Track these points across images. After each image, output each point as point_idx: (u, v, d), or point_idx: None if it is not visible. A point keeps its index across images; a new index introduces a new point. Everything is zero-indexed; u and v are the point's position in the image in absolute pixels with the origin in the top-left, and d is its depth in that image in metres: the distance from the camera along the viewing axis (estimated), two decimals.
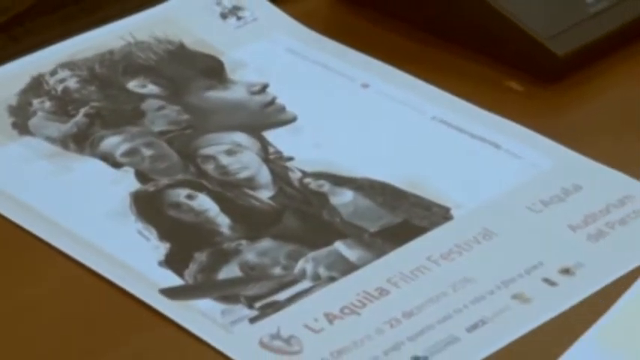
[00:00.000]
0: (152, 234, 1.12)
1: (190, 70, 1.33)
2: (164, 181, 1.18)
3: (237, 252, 1.10)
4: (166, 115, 1.26)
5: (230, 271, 1.08)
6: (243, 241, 1.11)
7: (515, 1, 1.33)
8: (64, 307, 1.07)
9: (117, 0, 1.42)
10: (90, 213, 1.15)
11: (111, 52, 1.35)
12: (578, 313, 1.05)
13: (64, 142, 1.22)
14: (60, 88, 1.29)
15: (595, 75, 1.34)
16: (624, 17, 1.36)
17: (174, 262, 1.09)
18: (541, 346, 1.02)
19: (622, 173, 1.19)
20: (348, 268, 1.08)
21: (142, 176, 1.18)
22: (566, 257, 1.09)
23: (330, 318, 1.03)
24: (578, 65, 1.32)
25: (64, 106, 1.26)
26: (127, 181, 1.18)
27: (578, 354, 1.01)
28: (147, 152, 1.21)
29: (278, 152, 1.21)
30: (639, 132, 1.29)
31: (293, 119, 1.26)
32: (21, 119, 1.25)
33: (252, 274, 1.07)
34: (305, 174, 1.19)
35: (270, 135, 1.24)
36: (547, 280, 1.07)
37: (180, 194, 1.16)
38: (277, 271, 1.08)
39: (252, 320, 1.02)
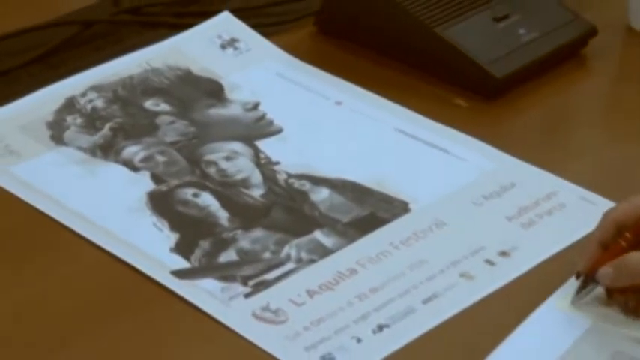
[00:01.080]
0: (164, 226, 1.12)
1: (196, 91, 1.33)
2: (174, 182, 1.18)
3: (234, 240, 1.10)
4: (176, 129, 1.26)
5: (228, 255, 1.09)
6: (239, 231, 1.12)
7: (462, 34, 1.35)
8: (91, 283, 1.07)
9: (136, 34, 1.42)
10: (113, 209, 1.15)
11: (131, 77, 1.33)
12: (512, 291, 1.05)
13: (92, 151, 1.23)
14: (89, 107, 1.29)
15: (527, 92, 1.35)
16: (550, 46, 1.37)
17: (182, 248, 1.09)
18: (489, 316, 1.02)
19: (548, 173, 1.20)
20: (324, 252, 1.09)
21: (156, 178, 1.19)
22: (504, 242, 1.10)
23: (310, 293, 1.03)
24: (513, 85, 1.34)
25: (92, 121, 1.27)
26: (143, 183, 1.18)
27: (541, 317, 1.02)
28: (160, 159, 1.22)
29: (267, 158, 1.23)
30: (562, 139, 1.30)
31: (280, 131, 1.27)
32: (57, 132, 1.25)
33: (246, 257, 1.08)
34: (289, 175, 1.19)
35: (260, 144, 1.25)
36: (488, 261, 1.08)
37: (188, 193, 1.17)
38: (267, 255, 1.08)
39: (247, 296, 1.03)
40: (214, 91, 1.33)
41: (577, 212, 1.14)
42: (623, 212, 1.03)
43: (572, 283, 1.04)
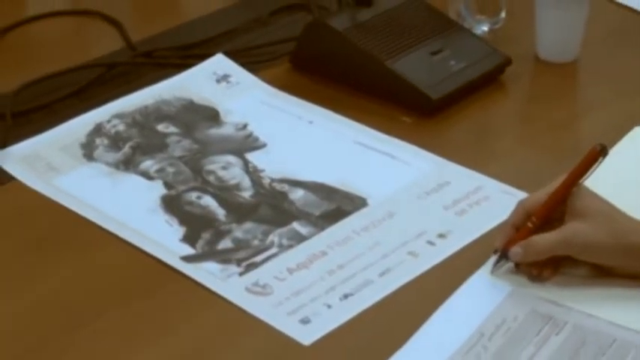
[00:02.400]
0: (174, 222, 1.13)
1: (197, 116, 1.32)
2: (182, 187, 1.19)
3: (229, 231, 1.12)
4: (182, 146, 1.26)
5: (225, 243, 1.10)
6: (233, 224, 1.13)
7: (406, 65, 1.34)
8: (118, 268, 1.08)
9: (149, 73, 1.41)
10: (133, 210, 1.16)
11: (146, 107, 1.33)
12: (448, 266, 1.07)
13: (116, 165, 1.23)
14: (113, 131, 1.29)
15: (458, 110, 1.34)
16: (474, 73, 1.37)
17: (189, 239, 1.10)
18: (430, 286, 1.03)
19: (476, 172, 1.20)
20: (301, 239, 1.11)
21: (167, 185, 1.19)
22: (442, 227, 1.12)
23: (290, 271, 1.06)
24: (447, 104, 1.33)
25: (116, 142, 1.27)
26: (157, 189, 1.19)
27: (472, 285, 1.03)
28: (170, 169, 1.22)
29: (255, 167, 1.23)
30: (486, 146, 1.30)
31: (264, 145, 1.27)
32: (88, 151, 1.25)
33: (240, 245, 1.10)
34: (272, 180, 1.20)
35: (249, 156, 1.25)
36: (429, 242, 1.10)
37: (192, 196, 1.18)
38: (255, 242, 1.10)
39: (240, 274, 1.05)
40: (212, 116, 1.33)
41: (499, 202, 1.14)
42: (531, 200, 1.05)
43: (493, 265, 1.05)
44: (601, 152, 1.03)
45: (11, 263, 1.09)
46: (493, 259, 1.05)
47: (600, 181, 1.06)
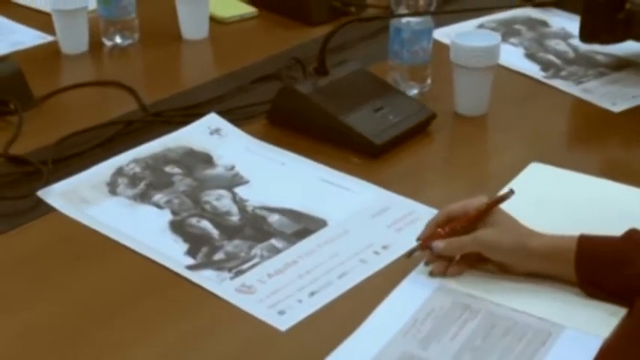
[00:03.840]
0: (179, 240, 1.14)
1: (196, 160, 1.32)
2: (185, 214, 1.19)
3: (222, 246, 1.12)
4: (185, 183, 1.26)
5: (219, 255, 1.11)
6: (225, 241, 1.13)
7: (355, 119, 1.34)
8: (134, 275, 1.09)
9: (158, 128, 1.39)
10: (148, 231, 1.16)
11: (156, 154, 1.33)
12: (394, 268, 1.08)
13: (134, 198, 1.23)
14: (131, 172, 1.29)
15: (396, 153, 1.34)
16: (408, 125, 1.37)
17: (191, 252, 1.11)
18: (376, 285, 1.04)
19: (410, 199, 1.21)
20: (277, 251, 1.12)
21: (173, 213, 1.20)
22: (384, 241, 1.13)
23: (269, 275, 1.07)
24: (387, 149, 1.33)
25: (133, 181, 1.27)
26: (166, 216, 1.19)
27: (407, 283, 1.04)
28: (176, 201, 1.23)
29: (241, 198, 1.23)
30: (417, 181, 1.30)
31: (248, 182, 1.27)
32: (112, 188, 1.25)
33: (230, 256, 1.11)
34: (254, 207, 1.21)
35: (236, 190, 1.25)
36: (375, 252, 1.11)
37: (193, 220, 1.18)
38: (242, 254, 1.11)
39: (231, 279, 1.06)
40: (207, 160, 1.32)
41: (422, 222, 1.11)
42: (454, 207, 1.05)
43: (424, 265, 1.06)
44: (511, 193, 1.05)
45: (53, 274, 1.09)
46: (421, 264, 1.06)
47: (505, 203, 1.07)
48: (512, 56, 1.61)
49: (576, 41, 1.58)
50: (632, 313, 0.88)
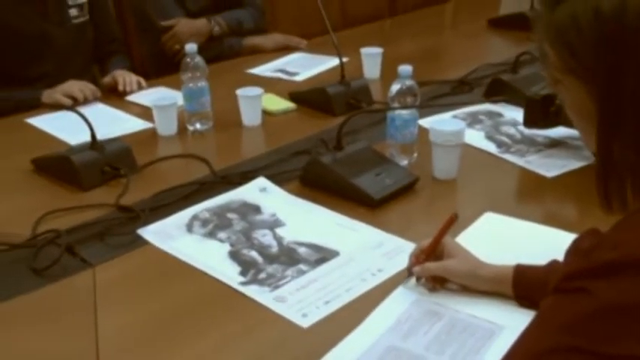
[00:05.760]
0: (235, 264, 1.15)
1: (248, 209, 1.32)
2: (239, 246, 1.20)
3: (264, 269, 1.14)
4: (240, 225, 1.27)
5: (262, 275, 1.12)
6: (267, 265, 1.15)
7: (361, 181, 1.34)
8: (204, 291, 1.09)
9: (223, 188, 1.39)
10: (213, 258, 1.17)
11: (221, 205, 1.32)
12: (385, 284, 1.08)
13: (205, 235, 1.25)
14: (203, 217, 1.28)
15: (390, 205, 1.32)
16: (397, 186, 1.35)
17: (243, 273, 1.13)
18: (371, 298, 1.05)
19: (398, 237, 1.21)
20: (303, 273, 1.13)
21: (232, 245, 1.21)
22: (379, 266, 1.14)
23: (297, 290, 1.09)
24: (383, 202, 1.32)
25: (204, 223, 1.28)
26: (226, 247, 1.20)
27: (392, 297, 1.04)
28: (233, 237, 1.23)
29: (279, 235, 1.24)
30: (404, 225, 1.28)
31: (284, 224, 1.28)
32: (189, 228, 1.26)
33: (270, 276, 1.12)
34: (288, 242, 1.21)
35: (276, 230, 1.26)
36: (372, 274, 1.12)
37: (245, 251, 1.19)
38: (278, 275, 1.12)
39: (270, 292, 1.08)
40: (256, 209, 1.32)
41: (408, 254, 1.11)
42: (424, 243, 1.06)
43: (404, 281, 1.07)
44: (455, 217, 1.06)
45: (148, 286, 1.12)
46: (406, 280, 1.07)
47: (464, 240, 1.10)
48: (476, 137, 1.61)
49: (521, 127, 1.58)
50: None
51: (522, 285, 0.98)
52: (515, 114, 1.69)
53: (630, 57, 0.59)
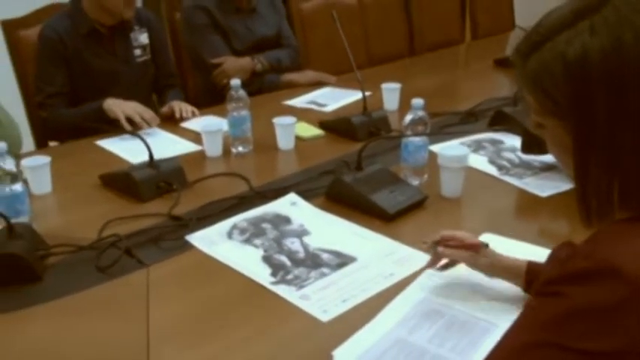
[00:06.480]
0: (267, 267, 1.16)
1: (280, 220, 1.32)
2: (271, 252, 1.21)
3: (292, 271, 1.15)
4: (273, 233, 1.27)
5: (290, 276, 1.13)
6: (294, 268, 1.15)
7: (379, 197, 1.34)
8: (239, 288, 1.11)
9: (260, 201, 1.39)
10: (249, 261, 1.18)
11: (257, 216, 1.31)
12: (395, 287, 1.08)
13: (242, 242, 1.25)
14: (241, 226, 1.30)
15: (402, 219, 1.31)
16: (408, 202, 1.35)
17: (273, 274, 1.14)
18: (382, 298, 1.05)
19: (407, 246, 1.21)
20: (324, 275, 1.13)
21: (265, 251, 1.21)
22: (391, 270, 1.14)
23: (319, 290, 1.09)
24: (397, 216, 1.32)
25: (242, 231, 1.29)
26: (260, 253, 1.21)
27: (402, 296, 1.04)
28: (266, 244, 1.24)
29: (306, 243, 1.24)
30: (415, 235, 1.24)
31: (310, 233, 1.28)
32: (229, 235, 1.27)
33: (297, 277, 1.13)
34: (314, 249, 1.22)
35: (304, 238, 1.26)
36: (384, 277, 1.12)
37: (276, 256, 1.20)
38: (304, 276, 1.13)
39: (297, 290, 1.09)
40: (287, 220, 1.32)
41: (417, 259, 1.15)
42: (445, 232, 1.05)
43: (414, 282, 1.05)
44: (486, 245, 1.04)
45: (194, 283, 1.13)
46: (411, 285, 1.07)
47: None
48: (480, 162, 1.60)
49: (520, 153, 1.58)
50: None
51: (531, 276, 0.97)
52: (514, 141, 1.67)
53: (595, 92, 0.61)
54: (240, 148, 1.75)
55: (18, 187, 1.29)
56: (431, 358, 0.90)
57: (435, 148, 1.57)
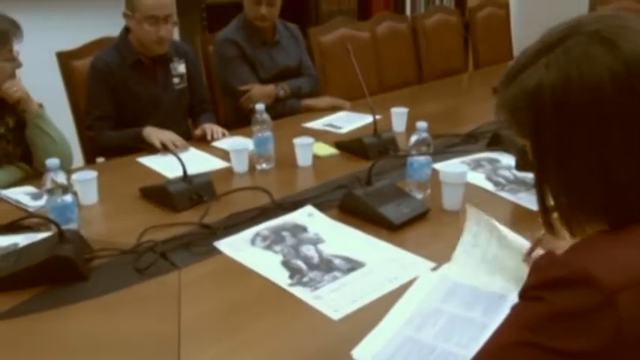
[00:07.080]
0: (285, 270, 1.16)
1: (298, 229, 1.32)
2: (289, 257, 1.21)
3: (307, 274, 1.14)
4: (291, 241, 1.27)
5: (306, 279, 1.13)
6: (310, 272, 1.15)
7: (386, 210, 1.33)
8: (261, 288, 1.10)
9: (281, 212, 1.37)
10: (269, 266, 1.17)
11: (277, 225, 1.32)
12: (399, 289, 1.07)
13: (264, 248, 1.25)
14: (263, 234, 1.30)
15: (407, 228, 1.32)
16: (413, 214, 1.34)
17: (291, 277, 1.14)
18: (388, 297, 1.05)
19: (411, 253, 1.20)
20: (336, 279, 1.13)
21: (284, 256, 1.21)
22: (396, 274, 1.14)
23: (331, 291, 1.09)
24: (402, 226, 1.30)
25: (264, 239, 1.28)
26: (279, 258, 1.21)
27: (409, 297, 1.03)
28: (285, 250, 1.24)
29: (320, 250, 1.24)
30: (418, 242, 1.25)
31: (325, 241, 1.28)
32: (252, 242, 1.27)
33: (312, 280, 1.12)
34: (327, 255, 1.21)
35: (318, 245, 1.26)
36: (390, 280, 1.11)
37: (293, 261, 1.19)
38: (318, 279, 1.13)
39: (311, 292, 1.08)
40: (303, 229, 1.32)
41: (419, 265, 1.15)
42: (542, 237, 1.03)
43: (414, 284, 1.05)
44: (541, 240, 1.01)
45: (222, 284, 1.12)
46: (413, 287, 1.06)
47: (460, 255, 1.09)
48: (477, 178, 1.59)
49: (514, 170, 1.57)
50: None
51: None
52: (509, 160, 1.67)
53: (548, 121, 0.63)
54: (264, 165, 1.76)
55: (68, 198, 1.32)
56: (440, 352, 0.90)
57: (438, 165, 1.56)
